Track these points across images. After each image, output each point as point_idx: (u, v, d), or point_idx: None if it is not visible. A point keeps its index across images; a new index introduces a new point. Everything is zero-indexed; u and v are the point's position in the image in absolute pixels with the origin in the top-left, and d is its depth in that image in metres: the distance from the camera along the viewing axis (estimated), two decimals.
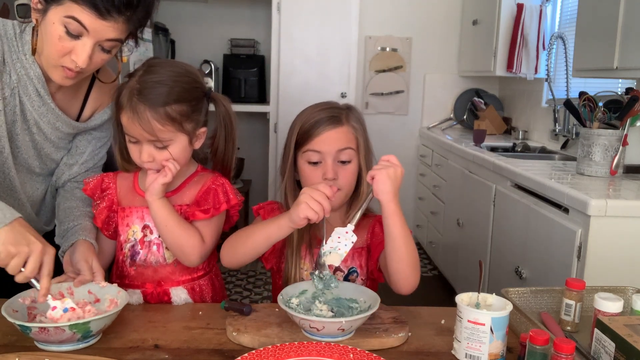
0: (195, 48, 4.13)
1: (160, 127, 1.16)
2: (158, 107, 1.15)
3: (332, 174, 1.21)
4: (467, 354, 0.98)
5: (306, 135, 1.23)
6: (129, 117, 1.16)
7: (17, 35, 1.19)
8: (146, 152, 1.18)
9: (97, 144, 1.40)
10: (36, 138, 1.28)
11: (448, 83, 4.23)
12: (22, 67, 1.19)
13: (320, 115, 1.23)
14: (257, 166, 4.24)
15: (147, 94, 1.15)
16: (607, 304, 1.03)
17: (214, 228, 1.28)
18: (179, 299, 1.29)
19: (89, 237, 1.23)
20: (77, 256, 1.18)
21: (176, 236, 1.22)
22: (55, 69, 1.15)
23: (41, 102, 1.23)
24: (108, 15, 1.08)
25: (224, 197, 1.26)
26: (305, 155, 1.23)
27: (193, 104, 1.21)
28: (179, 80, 1.19)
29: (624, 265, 1.82)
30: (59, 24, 1.08)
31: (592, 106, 2.26)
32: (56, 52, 1.11)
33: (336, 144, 1.21)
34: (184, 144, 1.21)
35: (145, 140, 1.17)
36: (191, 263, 1.26)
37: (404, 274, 1.14)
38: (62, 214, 1.31)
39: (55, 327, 0.95)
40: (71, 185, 1.37)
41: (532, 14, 3.44)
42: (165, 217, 1.21)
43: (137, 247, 1.28)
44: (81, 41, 1.10)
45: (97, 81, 1.33)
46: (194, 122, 1.22)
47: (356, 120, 1.26)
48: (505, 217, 2.50)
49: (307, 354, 0.96)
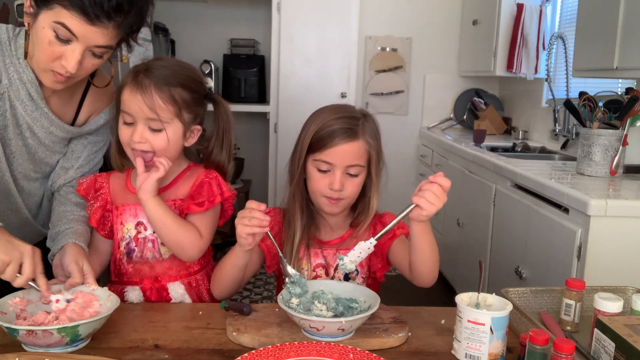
0: (195, 48, 4.13)
1: (162, 104, 1.17)
2: (163, 85, 1.17)
3: (338, 186, 1.22)
4: (467, 354, 0.98)
5: (320, 144, 1.22)
6: (132, 91, 1.17)
7: (10, 39, 1.19)
8: (139, 133, 1.18)
9: (93, 148, 1.39)
10: (30, 142, 1.27)
11: (448, 83, 4.23)
12: (15, 72, 1.18)
13: (337, 124, 1.22)
14: (257, 166, 4.24)
15: (154, 72, 1.18)
16: (607, 304, 1.03)
17: (210, 221, 1.28)
18: (177, 294, 1.29)
19: (79, 241, 1.22)
20: (66, 259, 1.17)
21: (175, 233, 1.22)
22: (46, 73, 1.14)
23: (34, 107, 1.23)
24: (97, 20, 1.06)
25: (218, 190, 1.26)
26: (315, 162, 1.24)
27: (195, 95, 1.23)
28: (185, 70, 1.23)
29: (624, 265, 1.82)
30: (49, 29, 1.07)
31: (592, 106, 2.26)
32: (46, 56, 1.10)
33: (347, 159, 1.22)
34: (178, 133, 1.21)
35: (142, 118, 1.17)
36: (190, 258, 1.27)
37: (428, 274, 1.21)
38: (55, 217, 1.31)
39: (43, 330, 0.94)
40: (66, 190, 1.37)
41: (532, 14, 3.44)
42: (162, 215, 1.21)
43: (132, 244, 1.29)
44: (71, 46, 1.09)
45: (92, 86, 1.32)
46: (192, 114, 1.23)
47: (371, 133, 1.26)
48: (505, 217, 2.50)
49: (307, 354, 0.96)
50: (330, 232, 1.32)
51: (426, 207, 1.06)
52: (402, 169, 4.26)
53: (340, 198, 1.23)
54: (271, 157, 3.97)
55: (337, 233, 1.31)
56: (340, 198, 1.23)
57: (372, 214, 1.29)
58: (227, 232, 3.38)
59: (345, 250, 1.28)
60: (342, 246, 1.30)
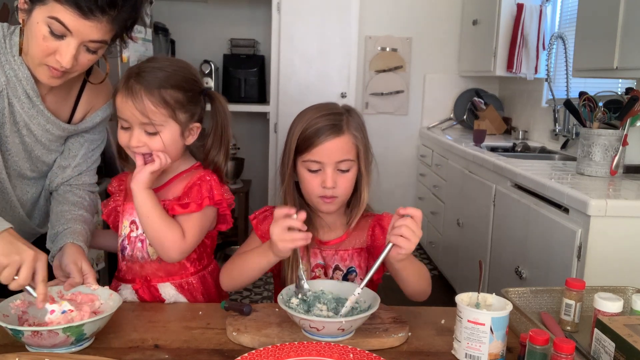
0: (195, 48, 4.13)
1: (153, 108, 1.17)
2: (153, 89, 1.17)
3: (331, 183, 1.21)
4: (467, 354, 0.98)
5: (307, 143, 1.22)
6: (123, 97, 1.18)
7: (5, 37, 1.19)
8: (136, 137, 1.19)
9: (90, 146, 1.39)
10: (26, 140, 1.27)
11: (448, 83, 4.23)
12: (10, 69, 1.19)
13: (321, 122, 1.22)
14: (257, 166, 4.24)
15: (144, 76, 1.18)
16: (607, 304, 1.03)
17: (195, 224, 1.24)
18: (169, 295, 1.28)
19: (78, 240, 1.22)
20: (65, 259, 1.17)
21: (157, 229, 1.21)
22: (41, 68, 1.14)
23: (31, 104, 1.23)
24: (91, 14, 1.07)
25: (208, 193, 1.24)
26: (305, 163, 1.23)
27: (189, 94, 1.22)
28: (177, 70, 1.22)
29: (624, 265, 1.82)
30: (43, 24, 1.08)
31: (592, 106, 2.26)
32: (40, 51, 1.10)
33: (336, 155, 1.21)
34: (174, 134, 1.21)
35: (137, 123, 1.18)
36: (170, 258, 1.24)
37: (419, 295, 1.23)
38: (54, 217, 1.31)
39: (48, 331, 0.94)
40: (64, 189, 1.37)
41: (532, 14, 3.44)
42: (149, 209, 1.20)
43: (125, 242, 1.30)
44: (65, 41, 1.09)
45: (89, 83, 1.32)
46: (188, 114, 1.22)
47: (357, 126, 1.25)
48: (505, 217, 2.50)
49: (307, 354, 0.96)
50: (328, 232, 1.31)
51: (404, 244, 1.04)
52: (402, 169, 4.26)
53: (334, 196, 1.23)
54: (271, 157, 3.97)
55: (335, 233, 1.31)
56: (334, 196, 1.23)
57: (363, 207, 1.29)
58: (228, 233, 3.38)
59: (345, 252, 1.29)
60: (341, 247, 1.30)
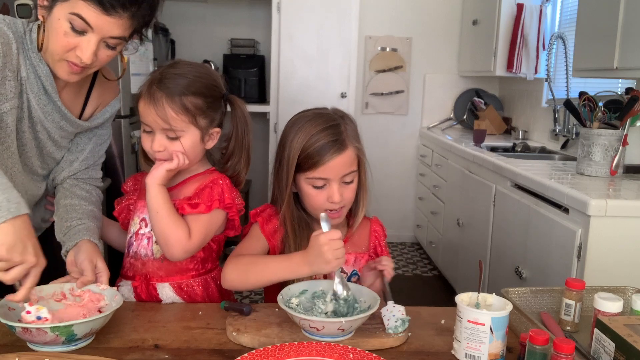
0: (195, 48, 4.14)
1: (174, 115, 1.19)
2: (175, 96, 1.19)
3: (338, 198, 1.22)
4: (467, 354, 0.98)
5: (310, 162, 1.20)
6: (146, 103, 1.20)
7: (26, 33, 1.20)
8: (158, 142, 1.21)
9: (97, 141, 1.41)
10: (40, 136, 1.28)
11: (448, 83, 4.23)
12: (30, 65, 1.20)
13: (322, 139, 1.20)
14: (257, 166, 4.23)
15: (166, 83, 1.20)
16: (607, 304, 1.03)
17: (203, 225, 1.25)
18: (166, 297, 1.28)
19: (93, 238, 1.24)
20: (81, 256, 1.18)
21: (164, 225, 1.21)
22: (60, 64, 1.15)
23: (48, 100, 1.24)
24: (113, 10, 1.09)
25: (218, 196, 1.25)
26: (309, 180, 1.23)
27: (209, 100, 1.24)
28: (199, 77, 1.24)
29: (624, 265, 1.82)
30: (65, 20, 1.09)
31: (592, 106, 2.26)
32: (61, 47, 1.12)
33: (341, 170, 1.22)
34: (195, 139, 1.23)
35: (159, 128, 1.20)
36: (173, 257, 1.24)
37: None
38: (62, 210, 1.31)
39: (37, 329, 0.95)
40: (70, 182, 1.37)
41: (532, 14, 3.44)
42: (160, 204, 1.21)
43: (132, 238, 1.31)
44: (86, 37, 1.11)
45: (99, 80, 1.34)
46: (208, 119, 1.24)
47: (354, 134, 1.26)
48: (505, 217, 2.50)
49: (307, 354, 0.96)
50: None
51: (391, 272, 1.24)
52: (402, 169, 4.27)
53: (340, 207, 1.25)
54: (271, 157, 3.95)
55: None
56: (340, 207, 1.25)
57: (363, 211, 1.31)
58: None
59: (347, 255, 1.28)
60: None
